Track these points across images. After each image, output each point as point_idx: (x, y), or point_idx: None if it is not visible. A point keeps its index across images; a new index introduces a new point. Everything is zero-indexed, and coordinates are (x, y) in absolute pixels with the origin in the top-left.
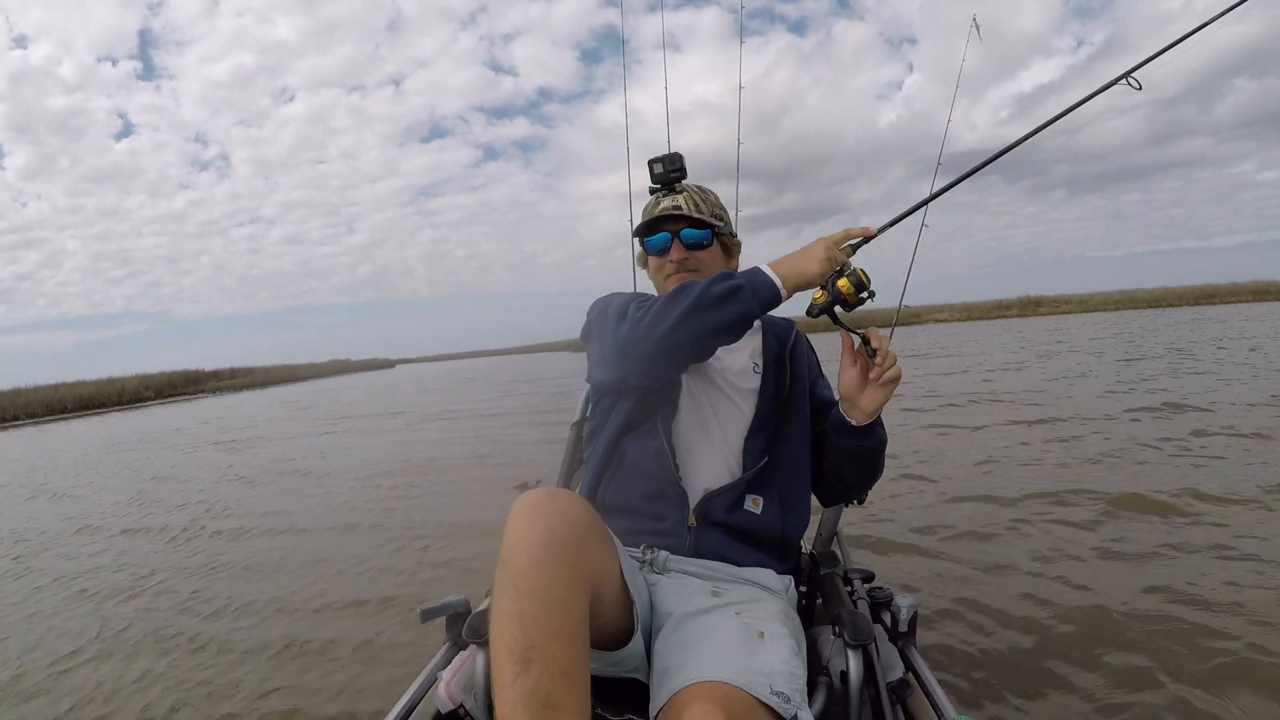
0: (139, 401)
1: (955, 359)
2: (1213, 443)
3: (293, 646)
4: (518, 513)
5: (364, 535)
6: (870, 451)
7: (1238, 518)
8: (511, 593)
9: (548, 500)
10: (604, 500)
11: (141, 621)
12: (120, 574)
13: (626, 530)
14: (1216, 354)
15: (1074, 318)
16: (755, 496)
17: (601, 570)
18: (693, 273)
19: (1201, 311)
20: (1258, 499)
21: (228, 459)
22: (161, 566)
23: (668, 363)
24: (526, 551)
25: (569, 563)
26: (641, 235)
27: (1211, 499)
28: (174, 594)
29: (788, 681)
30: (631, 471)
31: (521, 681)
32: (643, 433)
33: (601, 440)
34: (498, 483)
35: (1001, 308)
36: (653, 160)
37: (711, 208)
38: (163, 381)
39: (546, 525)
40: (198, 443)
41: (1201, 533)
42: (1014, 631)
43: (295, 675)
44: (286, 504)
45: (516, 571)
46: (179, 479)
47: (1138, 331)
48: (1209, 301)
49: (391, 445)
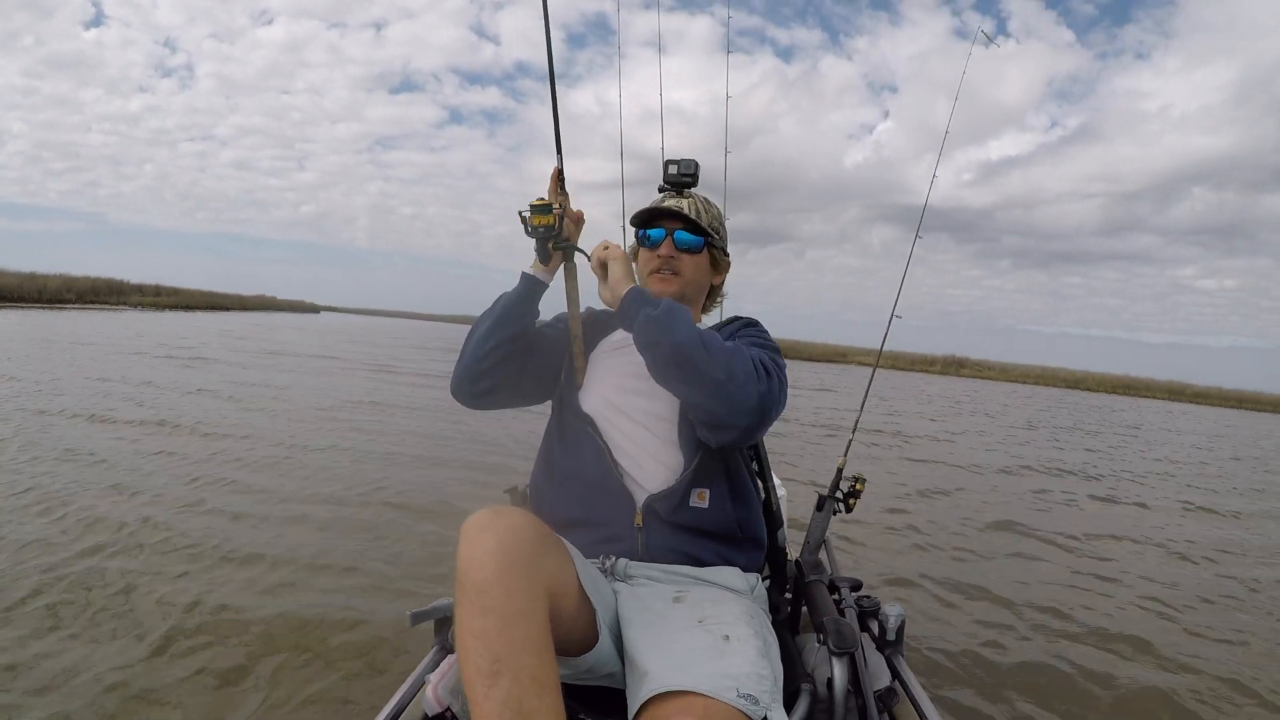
0: (59, 302)
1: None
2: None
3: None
4: (468, 533)
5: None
6: (645, 346)
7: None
8: (471, 610)
9: (494, 518)
10: (550, 514)
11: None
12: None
13: (580, 543)
14: (1108, 436)
15: (994, 384)
16: (700, 490)
17: (559, 579)
18: (675, 274)
19: (1115, 400)
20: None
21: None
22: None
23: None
24: (480, 569)
25: (524, 575)
26: (638, 225)
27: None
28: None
29: (755, 683)
30: (572, 481)
31: (493, 695)
32: (577, 441)
33: (543, 453)
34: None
35: (926, 362)
36: (669, 160)
37: (712, 219)
38: (86, 286)
39: (497, 541)
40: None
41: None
42: (1001, 643)
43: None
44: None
45: (474, 589)
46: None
47: (1044, 406)
48: (1125, 392)
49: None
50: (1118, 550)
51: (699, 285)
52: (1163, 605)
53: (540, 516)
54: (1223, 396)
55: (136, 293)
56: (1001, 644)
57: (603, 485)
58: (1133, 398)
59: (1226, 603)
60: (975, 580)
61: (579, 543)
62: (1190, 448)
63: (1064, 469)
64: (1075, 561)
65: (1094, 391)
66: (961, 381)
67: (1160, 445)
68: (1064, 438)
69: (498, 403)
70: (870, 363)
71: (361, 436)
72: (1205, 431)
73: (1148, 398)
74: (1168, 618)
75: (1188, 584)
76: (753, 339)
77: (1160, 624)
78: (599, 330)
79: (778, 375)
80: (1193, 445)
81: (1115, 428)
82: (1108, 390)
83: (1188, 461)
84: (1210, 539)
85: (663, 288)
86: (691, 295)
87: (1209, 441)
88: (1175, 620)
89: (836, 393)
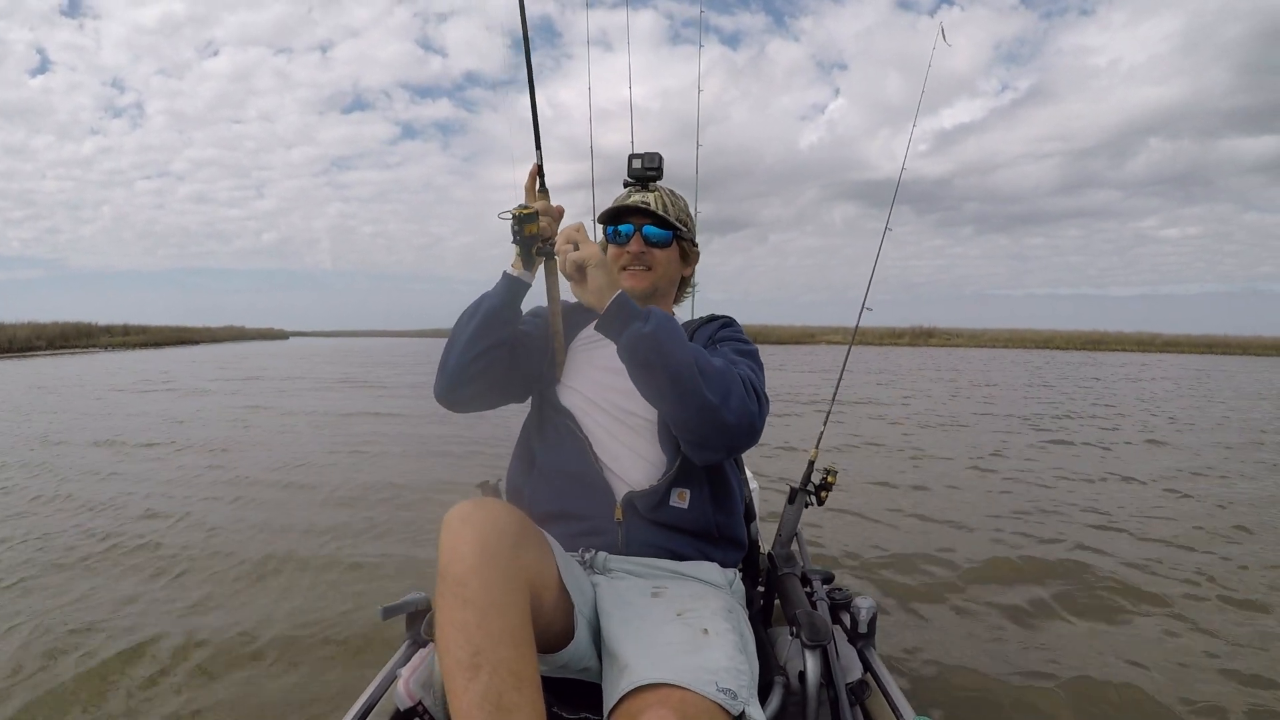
0: (30, 350)
1: (834, 374)
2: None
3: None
4: (449, 525)
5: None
6: (635, 364)
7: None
8: (452, 602)
9: (475, 510)
10: (530, 508)
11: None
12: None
13: (560, 536)
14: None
15: (962, 350)
16: (681, 490)
17: (539, 572)
18: (647, 269)
19: (1090, 355)
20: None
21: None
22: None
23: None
24: (460, 561)
25: (504, 567)
26: (605, 222)
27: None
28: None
29: (733, 678)
30: (552, 474)
31: (472, 687)
32: (557, 435)
33: (521, 447)
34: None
35: (894, 335)
36: (633, 155)
37: (679, 212)
38: (55, 332)
39: (477, 534)
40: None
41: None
42: (973, 635)
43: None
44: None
45: (454, 581)
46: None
47: (1009, 365)
48: (1095, 348)
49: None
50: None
51: (670, 278)
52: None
53: (516, 505)
54: (1192, 343)
55: (105, 334)
56: (963, 620)
57: (583, 478)
58: (1104, 352)
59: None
60: (943, 556)
61: (558, 535)
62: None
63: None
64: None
65: (1064, 350)
66: (931, 351)
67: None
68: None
69: (484, 405)
70: (838, 340)
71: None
72: (1169, 377)
73: (1117, 350)
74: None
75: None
76: (735, 344)
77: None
78: (578, 322)
79: (763, 394)
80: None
81: (1077, 383)
82: (1077, 347)
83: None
84: (1158, 469)
85: (635, 284)
86: (664, 289)
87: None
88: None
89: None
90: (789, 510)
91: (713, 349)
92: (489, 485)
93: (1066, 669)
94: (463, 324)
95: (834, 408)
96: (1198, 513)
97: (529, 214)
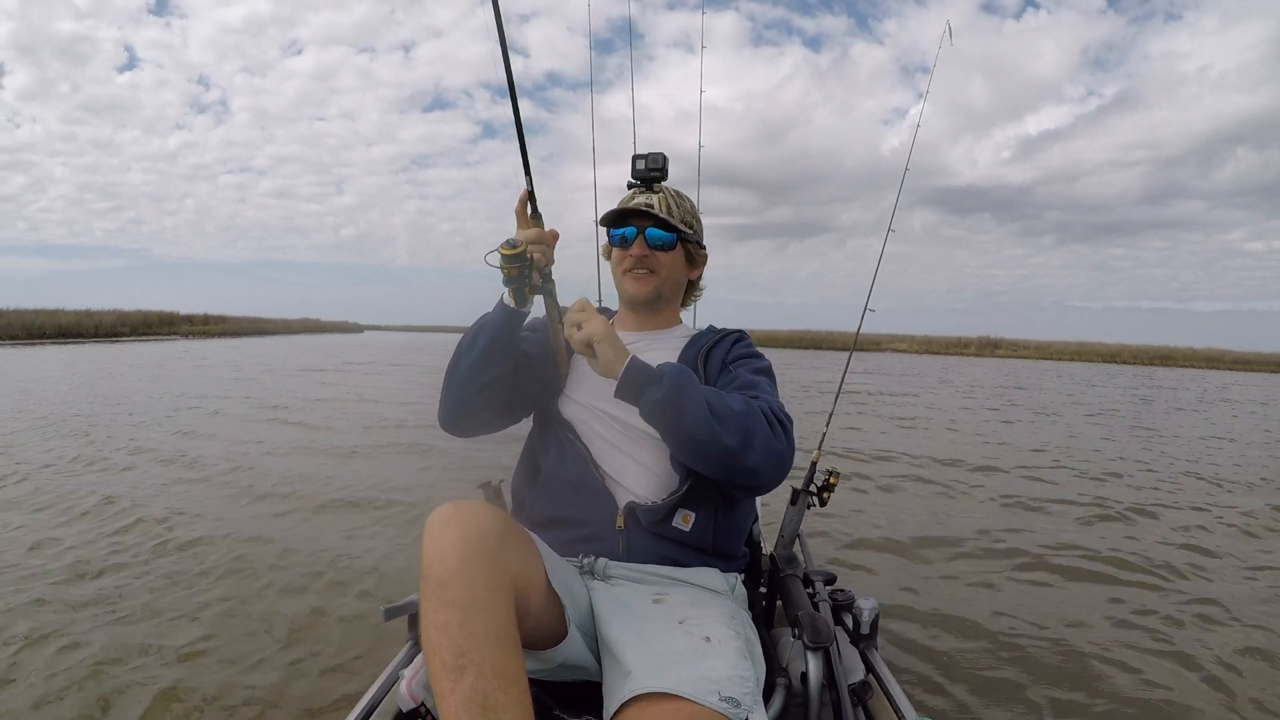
0: (115, 336)
1: (901, 378)
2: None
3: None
4: (431, 528)
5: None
6: (655, 426)
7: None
8: (435, 604)
9: (457, 512)
10: (531, 514)
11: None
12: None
13: (558, 541)
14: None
15: (1027, 363)
16: (686, 513)
17: (525, 573)
18: (650, 273)
19: (1151, 372)
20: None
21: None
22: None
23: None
24: (442, 563)
25: (486, 568)
26: (608, 225)
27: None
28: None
29: (737, 686)
30: (554, 482)
31: (458, 689)
32: (560, 446)
33: (525, 458)
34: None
35: (960, 345)
36: (636, 155)
37: (684, 214)
38: (138, 319)
39: (459, 535)
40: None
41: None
42: (973, 637)
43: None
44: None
45: (437, 583)
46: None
47: (1054, 378)
48: (1163, 363)
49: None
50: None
51: (675, 282)
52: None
53: (520, 517)
54: (1261, 361)
55: (186, 323)
56: (972, 634)
57: (584, 486)
58: (1171, 368)
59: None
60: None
61: (558, 541)
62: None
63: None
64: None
65: (1130, 364)
66: (993, 361)
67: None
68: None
69: (490, 429)
70: (903, 349)
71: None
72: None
73: (1185, 367)
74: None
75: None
76: (749, 363)
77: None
78: None
79: (786, 418)
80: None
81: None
82: (1144, 362)
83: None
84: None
85: (639, 287)
86: (669, 293)
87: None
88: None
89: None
90: (791, 511)
91: (726, 372)
92: (490, 487)
93: (1073, 674)
94: (463, 352)
95: (837, 408)
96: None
97: (513, 255)
